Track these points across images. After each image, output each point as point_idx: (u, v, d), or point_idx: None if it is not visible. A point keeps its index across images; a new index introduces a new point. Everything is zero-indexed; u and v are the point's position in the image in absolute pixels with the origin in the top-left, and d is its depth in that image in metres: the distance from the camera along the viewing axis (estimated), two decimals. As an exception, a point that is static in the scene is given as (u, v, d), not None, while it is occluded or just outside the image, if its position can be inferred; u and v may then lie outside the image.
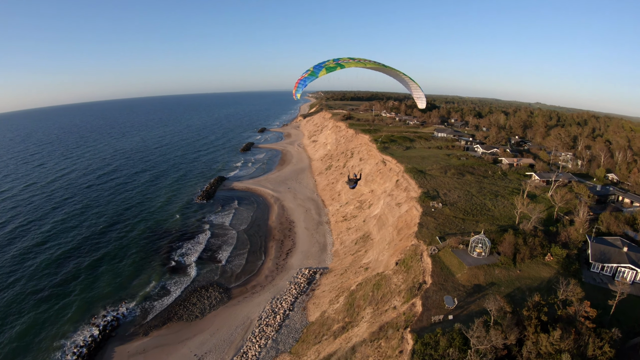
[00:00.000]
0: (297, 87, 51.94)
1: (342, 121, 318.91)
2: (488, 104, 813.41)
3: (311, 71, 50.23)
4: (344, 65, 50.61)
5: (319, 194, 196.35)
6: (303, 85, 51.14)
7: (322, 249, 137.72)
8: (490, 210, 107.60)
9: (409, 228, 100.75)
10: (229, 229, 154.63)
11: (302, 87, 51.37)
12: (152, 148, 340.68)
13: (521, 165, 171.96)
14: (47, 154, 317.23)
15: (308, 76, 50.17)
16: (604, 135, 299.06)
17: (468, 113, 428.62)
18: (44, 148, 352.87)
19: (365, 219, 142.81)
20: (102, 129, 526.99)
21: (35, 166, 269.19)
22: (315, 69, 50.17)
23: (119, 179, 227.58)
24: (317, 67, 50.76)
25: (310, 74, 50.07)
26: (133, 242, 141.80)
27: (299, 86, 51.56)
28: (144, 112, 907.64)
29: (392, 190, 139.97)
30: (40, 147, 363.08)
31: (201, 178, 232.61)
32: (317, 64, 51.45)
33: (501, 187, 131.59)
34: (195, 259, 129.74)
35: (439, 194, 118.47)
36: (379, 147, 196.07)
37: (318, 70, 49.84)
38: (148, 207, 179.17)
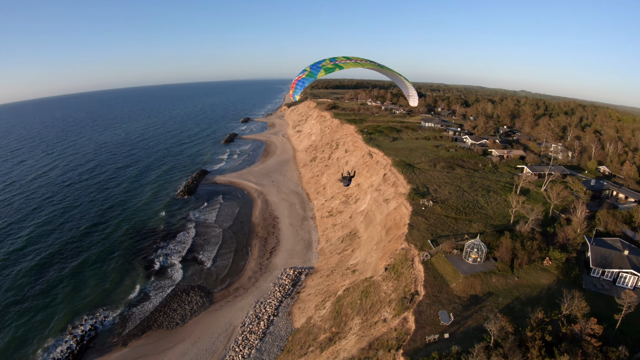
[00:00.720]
0: (294, 87, 49.98)
1: (327, 111, 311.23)
2: (474, 92, 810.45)
3: (309, 72, 48.76)
4: (342, 67, 49.79)
5: (303, 187, 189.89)
6: (302, 86, 49.19)
7: (307, 247, 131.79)
8: (483, 208, 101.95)
9: (398, 228, 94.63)
10: (210, 226, 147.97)
11: (301, 88, 49.31)
12: (135, 141, 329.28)
13: (512, 157, 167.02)
14: (28, 151, 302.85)
15: (306, 77, 48.66)
16: (592, 125, 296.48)
17: (455, 102, 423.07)
18: (24, 144, 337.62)
19: (351, 214, 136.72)
20: (84, 122, 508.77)
21: (16, 164, 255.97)
22: (313, 70, 48.67)
23: (101, 176, 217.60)
24: (314, 67, 49.16)
25: (308, 74, 48.60)
26: (113, 243, 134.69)
27: (297, 87, 49.60)
28: (128, 104, 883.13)
29: (379, 185, 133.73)
30: (21, 143, 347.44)
31: (183, 172, 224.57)
32: (314, 63, 49.94)
33: (493, 182, 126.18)
34: (175, 260, 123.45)
35: (429, 190, 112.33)
36: (365, 138, 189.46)
37: (316, 72, 48.38)
38: (129, 205, 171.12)
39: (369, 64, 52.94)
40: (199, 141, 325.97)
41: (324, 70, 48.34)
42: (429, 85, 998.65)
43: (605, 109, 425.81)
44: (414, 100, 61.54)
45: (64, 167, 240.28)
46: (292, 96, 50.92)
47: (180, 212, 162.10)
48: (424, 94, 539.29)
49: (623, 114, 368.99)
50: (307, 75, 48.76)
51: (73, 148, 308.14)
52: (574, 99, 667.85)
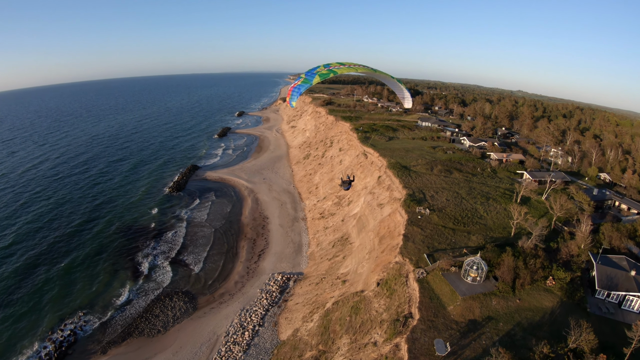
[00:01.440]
0: (290, 94, 50.85)
1: (322, 106, 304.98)
2: (471, 91, 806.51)
3: (304, 78, 49.35)
4: (337, 72, 50.44)
5: (295, 186, 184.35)
6: (298, 93, 50.03)
7: (297, 250, 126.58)
8: (482, 218, 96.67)
9: (392, 238, 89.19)
10: (198, 226, 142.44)
11: (297, 95, 50.24)
12: (129, 134, 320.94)
13: (511, 161, 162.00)
14: (20, 141, 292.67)
15: (301, 84, 49.27)
16: (591, 129, 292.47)
17: (452, 101, 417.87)
18: (16, 134, 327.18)
19: (344, 218, 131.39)
20: (78, 112, 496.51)
21: (6, 155, 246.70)
22: (308, 77, 49.23)
23: (92, 170, 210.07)
24: (309, 74, 49.81)
25: (303, 81, 49.22)
26: (99, 243, 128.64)
27: (293, 94, 50.43)
28: (124, 94, 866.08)
29: (373, 188, 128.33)
30: (13, 133, 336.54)
31: (174, 167, 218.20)
32: (309, 70, 50.80)
33: (492, 188, 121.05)
34: (160, 262, 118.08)
35: (426, 197, 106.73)
36: (359, 137, 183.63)
37: (311, 78, 48.88)
38: (117, 201, 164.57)
39: (362, 68, 53.15)
40: (192, 135, 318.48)
41: (319, 76, 48.71)
42: (426, 83, 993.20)
43: (603, 112, 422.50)
44: (408, 102, 61.79)
45: (55, 160, 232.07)
46: (289, 103, 52.04)
47: (168, 209, 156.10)
48: (421, 92, 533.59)
49: (621, 118, 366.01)
50: (302, 82, 49.17)
51: (65, 140, 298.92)
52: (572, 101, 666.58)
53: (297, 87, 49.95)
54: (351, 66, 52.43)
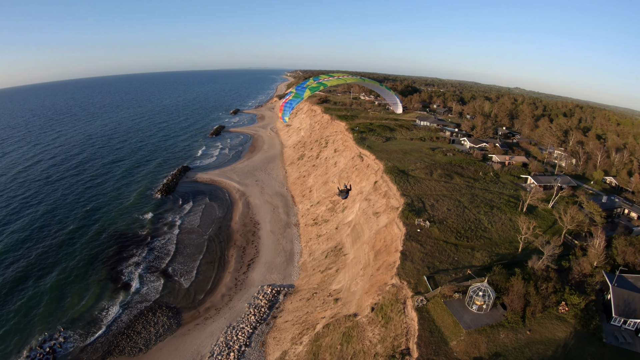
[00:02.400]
0: (283, 110, 51.23)
1: (317, 104, 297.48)
2: (468, 87, 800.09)
3: (295, 93, 49.71)
4: (326, 84, 50.88)
5: (288, 189, 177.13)
6: (290, 107, 50.38)
7: (288, 260, 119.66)
8: (487, 231, 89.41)
9: (388, 253, 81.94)
10: (186, 232, 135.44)
11: (289, 110, 50.63)
12: (123, 133, 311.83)
13: (513, 164, 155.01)
14: (13, 142, 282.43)
15: (293, 98, 49.68)
16: (592, 129, 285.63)
17: (450, 98, 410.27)
18: (9, 134, 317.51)
19: (338, 225, 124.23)
20: (73, 110, 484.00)
21: None
22: (299, 91, 49.53)
23: (83, 173, 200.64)
24: (299, 88, 50.10)
25: (294, 95, 49.59)
26: (84, 253, 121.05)
27: (286, 109, 50.79)
28: (121, 92, 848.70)
29: (369, 194, 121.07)
30: (6, 132, 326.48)
31: (165, 168, 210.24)
32: (299, 84, 51.30)
33: (495, 194, 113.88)
34: (145, 272, 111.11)
35: (425, 206, 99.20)
36: (355, 137, 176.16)
37: (302, 92, 49.23)
38: (105, 207, 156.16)
39: (350, 78, 54.77)
40: (186, 134, 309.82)
41: (309, 89, 48.93)
42: (424, 80, 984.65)
43: (603, 111, 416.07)
44: (398, 108, 62.28)
45: (47, 162, 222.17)
46: (282, 118, 52.53)
47: (155, 215, 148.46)
48: (418, 89, 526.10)
49: (621, 117, 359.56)
50: (294, 97, 49.45)
51: (59, 139, 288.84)
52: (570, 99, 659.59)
53: (289, 102, 50.09)
54: (340, 77, 53.18)
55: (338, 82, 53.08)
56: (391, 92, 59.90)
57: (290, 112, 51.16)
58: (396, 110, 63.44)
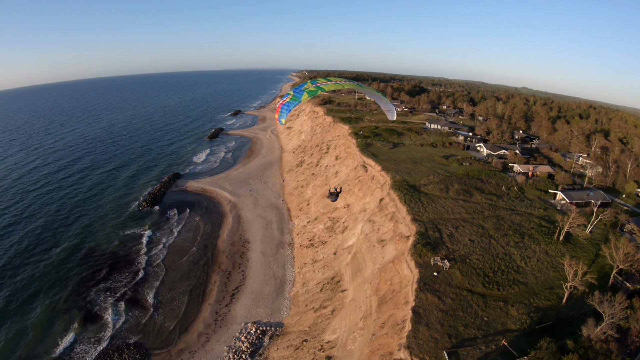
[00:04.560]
0: (279, 112, 50.52)
1: (320, 106, 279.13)
2: (475, 87, 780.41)
3: (292, 95, 49.32)
4: (324, 89, 50.46)
5: (285, 200, 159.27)
6: (287, 110, 49.51)
7: (278, 290, 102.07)
8: (520, 271, 70.36)
9: (395, 304, 63.23)
10: (166, 252, 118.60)
11: (287, 112, 49.68)
12: (120, 135, 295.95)
13: (538, 174, 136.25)
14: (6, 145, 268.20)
15: (290, 100, 49.00)
16: (611, 132, 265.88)
17: (460, 99, 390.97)
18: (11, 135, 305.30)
19: (336, 250, 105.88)
20: (73, 111, 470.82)
21: None
22: (297, 94, 48.99)
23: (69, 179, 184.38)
24: (297, 91, 49.43)
25: (292, 98, 49.15)
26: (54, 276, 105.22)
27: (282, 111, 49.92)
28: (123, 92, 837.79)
29: (373, 214, 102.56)
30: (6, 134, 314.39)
31: (155, 174, 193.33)
32: (297, 86, 50.71)
33: (524, 216, 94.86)
34: (116, 301, 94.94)
35: (443, 236, 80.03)
36: (359, 143, 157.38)
37: (300, 95, 48.57)
38: (86, 221, 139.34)
39: (348, 84, 54.17)
40: (183, 137, 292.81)
41: (307, 93, 48.51)
42: (430, 80, 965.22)
43: (617, 112, 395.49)
44: (392, 114, 62.84)
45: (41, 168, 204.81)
46: (278, 120, 51.71)
47: (137, 230, 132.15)
48: (426, 89, 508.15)
49: (637, 118, 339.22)
50: (291, 99, 48.95)
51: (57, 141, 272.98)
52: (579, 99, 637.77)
53: (286, 104, 49.31)
54: (337, 82, 52.65)
55: (335, 86, 52.05)
56: (386, 98, 59.93)
57: (287, 114, 49.90)
58: (390, 117, 63.09)
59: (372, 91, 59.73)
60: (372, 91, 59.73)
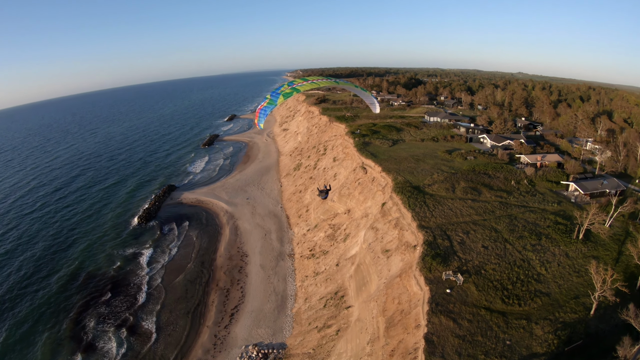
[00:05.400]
0: (258, 116, 51.07)
1: (315, 105, 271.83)
2: (471, 76, 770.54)
3: (269, 99, 49.09)
4: (299, 89, 50.00)
5: (283, 206, 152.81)
6: (264, 114, 50.08)
7: (280, 306, 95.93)
8: (542, 280, 63.34)
9: (405, 328, 56.33)
10: (161, 272, 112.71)
11: (264, 117, 50.45)
12: (114, 149, 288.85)
13: (546, 164, 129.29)
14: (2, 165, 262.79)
15: (267, 105, 49.22)
16: (615, 113, 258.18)
17: (458, 89, 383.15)
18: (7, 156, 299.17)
19: (338, 260, 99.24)
20: (69, 127, 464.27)
21: None
22: (273, 97, 48.85)
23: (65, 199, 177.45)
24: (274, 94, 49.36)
25: (269, 102, 49.01)
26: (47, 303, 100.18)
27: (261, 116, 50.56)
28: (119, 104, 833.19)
29: (376, 220, 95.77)
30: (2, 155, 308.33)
31: (150, 189, 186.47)
32: (274, 90, 50.48)
33: (538, 213, 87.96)
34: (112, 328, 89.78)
35: (453, 244, 72.99)
36: (357, 143, 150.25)
37: (276, 98, 48.51)
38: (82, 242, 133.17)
39: (324, 82, 53.53)
40: (178, 145, 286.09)
41: (283, 95, 48.16)
42: (426, 71, 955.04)
43: (617, 91, 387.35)
44: (376, 107, 61.69)
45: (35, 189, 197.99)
46: (257, 125, 52.92)
47: (133, 249, 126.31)
48: (422, 81, 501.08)
49: (638, 97, 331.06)
50: (268, 104, 49.00)
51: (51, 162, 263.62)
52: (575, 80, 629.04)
53: (264, 109, 49.60)
54: (314, 81, 51.59)
55: (312, 86, 50.76)
56: (367, 92, 59.41)
57: (264, 118, 50.49)
58: (373, 110, 62.38)
59: (351, 86, 59.02)
60: (351, 86, 59.02)
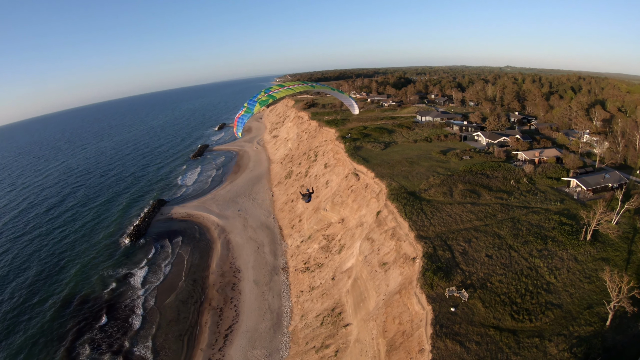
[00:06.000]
0: (236, 125, 51.13)
1: (304, 110, 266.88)
2: (460, 72, 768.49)
3: (246, 108, 48.92)
4: (275, 96, 50.04)
5: (275, 217, 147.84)
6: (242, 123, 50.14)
7: (275, 325, 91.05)
8: (552, 290, 58.46)
9: (408, 352, 50.70)
10: (153, 293, 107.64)
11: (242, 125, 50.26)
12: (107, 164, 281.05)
13: (545, 160, 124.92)
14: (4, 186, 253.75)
15: (244, 113, 49.12)
16: (608, 101, 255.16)
17: (448, 86, 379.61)
18: None
19: (334, 274, 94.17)
20: (59, 143, 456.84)
21: None
22: (250, 105, 48.65)
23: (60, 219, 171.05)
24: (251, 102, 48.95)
25: (246, 110, 48.92)
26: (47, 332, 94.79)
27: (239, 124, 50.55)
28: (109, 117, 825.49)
29: (371, 230, 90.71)
30: None
31: (139, 204, 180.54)
32: (251, 98, 49.75)
33: (542, 215, 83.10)
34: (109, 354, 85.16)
35: (455, 255, 67.66)
36: (348, 147, 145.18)
37: (252, 106, 48.41)
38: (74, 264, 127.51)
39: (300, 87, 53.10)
40: (168, 158, 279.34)
41: (259, 103, 48.14)
42: (414, 69, 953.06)
43: (607, 79, 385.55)
44: (354, 109, 61.07)
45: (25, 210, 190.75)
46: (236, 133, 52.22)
47: (123, 270, 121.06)
48: (412, 80, 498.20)
49: (632, 85, 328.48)
50: (245, 112, 48.87)
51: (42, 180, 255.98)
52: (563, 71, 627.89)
53: (241, 117, 49.67)
54: (290, 87, 51.64)
55: (287, 92, 51.05)
56: (344, 94, 59.06)
57: (242, 127, 50.59)
58: (353, 111, 61.91)
59: (328, 89, 58.39)
60: (328, 89, 58.39)
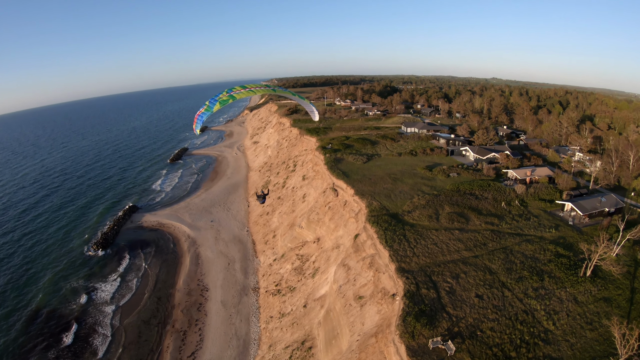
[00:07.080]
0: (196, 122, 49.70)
1: (286, 116, 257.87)
2: (446, 82, 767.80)
3: (207, 106, 47.82)
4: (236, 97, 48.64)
5: (249, 230, 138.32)
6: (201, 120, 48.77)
7: (241, 354, 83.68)
8: (550, 339, 49.68)
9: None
10: (116, 311, 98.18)
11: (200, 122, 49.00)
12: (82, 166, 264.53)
13: (537, 179, 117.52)
14: None
15: (204, 111, 47.92)
16: (596, 117, 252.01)
17: (434, 96, 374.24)
18: None
19: (306, 301, 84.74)
20: (39, 141, 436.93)
21: None
22: (211, 104, 47.50)
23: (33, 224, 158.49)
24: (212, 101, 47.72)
25: (206, 109, 47.76)
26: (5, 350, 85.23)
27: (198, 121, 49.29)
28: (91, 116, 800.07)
29: (347, 255, 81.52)
30: None
31: (111, 210, 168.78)
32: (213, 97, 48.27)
33: (536, 244, 74.82)
34: None
35: (440, 294, 58.14)
36: (327, 160, 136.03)
37: (212, 105, 47.23)
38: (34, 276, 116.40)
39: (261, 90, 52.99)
40: (146, 161, 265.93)
41: (219, 103, 47.34)
42: (401, 78, 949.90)
43: (593, 95, 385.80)
44: (315, 115, 60.97)
45: None
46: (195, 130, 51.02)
47: (83, 282, 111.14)
48: (398, 89, 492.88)
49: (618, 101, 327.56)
50: (205, 110, 47.81)
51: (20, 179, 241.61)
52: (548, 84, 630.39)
53: (200, 115, 48.39)
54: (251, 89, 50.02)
55: (248, 94, 49.29)
56: (305, 100, 57.59)
57: (201, 124, 49.03)
58: (313, 117, 61.70)
59: (289, 93, 57.76)
60: (289, 93, 57.76)
